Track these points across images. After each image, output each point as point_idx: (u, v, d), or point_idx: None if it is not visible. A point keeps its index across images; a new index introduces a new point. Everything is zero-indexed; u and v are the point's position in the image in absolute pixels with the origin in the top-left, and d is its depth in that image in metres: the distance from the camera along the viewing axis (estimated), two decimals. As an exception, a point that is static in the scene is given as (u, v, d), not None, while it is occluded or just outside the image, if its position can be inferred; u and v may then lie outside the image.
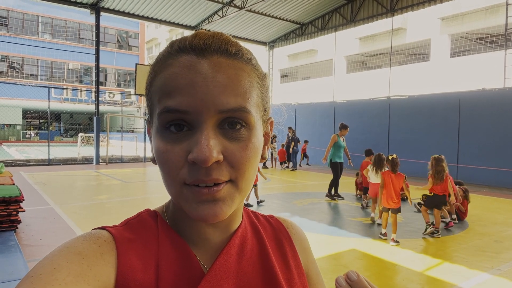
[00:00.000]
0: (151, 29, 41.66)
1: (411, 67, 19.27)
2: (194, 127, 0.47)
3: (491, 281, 3.82)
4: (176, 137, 0.47)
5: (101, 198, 7.90)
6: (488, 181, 10.63)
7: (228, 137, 0.47)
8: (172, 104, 0.46)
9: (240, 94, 0.47)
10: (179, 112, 0.46)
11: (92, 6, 14.27)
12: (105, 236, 0.50)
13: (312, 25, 17.52)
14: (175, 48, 0.50)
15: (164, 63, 0.50)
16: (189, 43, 0.49)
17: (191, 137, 0.47)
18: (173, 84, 0.47)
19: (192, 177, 0.46)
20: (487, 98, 10.92)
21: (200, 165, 0.45)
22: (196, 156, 0.44)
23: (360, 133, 14.50)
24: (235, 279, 0.54)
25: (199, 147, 0.45)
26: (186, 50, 0.49)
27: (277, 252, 0.62)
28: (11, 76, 27.58)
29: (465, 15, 17.71)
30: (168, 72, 0.48)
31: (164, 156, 0.47)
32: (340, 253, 4.60)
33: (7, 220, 4.79)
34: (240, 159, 0.47)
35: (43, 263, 0.44)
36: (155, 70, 0.51)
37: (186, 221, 0.55)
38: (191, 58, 0.48)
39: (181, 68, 0.47)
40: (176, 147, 0.47)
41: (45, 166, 13.94)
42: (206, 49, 0.48)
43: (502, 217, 6.77)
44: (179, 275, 0.51)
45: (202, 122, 0.46)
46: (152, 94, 0.50)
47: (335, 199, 8.21)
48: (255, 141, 0.49)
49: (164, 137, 0.48)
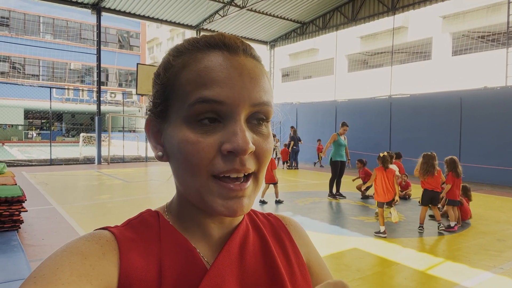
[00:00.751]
0: (152, 29, 41.68)
1: (412, 65, 19.23)
2: (227, 119, 0.49)
3: (494, 280, 3.81)
4: (208, 129, 0.48)
5: (103, 198, 7.92)
6: (491, 180, 10.60)
7: (253, 130, 0.51)
8: (209, 94, 0.48)
9: (267, 90, 0.52)
10: (216, 103, 0.48)
11: (93, 6, 14.29)
12: (107, 236, 0.51)
13: (313, 24, 17.50)
14: (204, 44, 0.52)
15: (192, 56, 0.51)
16: (221, 41, 0.51)
17: (223, 129, 0.48)
18: (210, 76, 0.48)
19: (226, 166, 0.48)
20: (489, 96, 10.89)
21: (239, 155, 0.47)
22: (236, 146, 0.47)
23: (361, 132, 14.48)
24: (238, 274, 0.54)
25: (239, 137, 0.47)
26: (218, 47, 0.51)
27: (278, 248, 0.63)
28: (13, 76, 27.65)
29: (467, 14, 17.66)
30: (201, 64, 0.50)
31: (195, 147, 0.48)
32: (342, 252, 4.60)
33: (9, 220, 4.80)
34: (265, 151, 0.51)
35: (46, 264, 0.45)
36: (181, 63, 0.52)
37: (191, 217, 0.55)
38: (224, 55, 0.50)
39: (216, 62, 0.49)
40: (209, 138, 0.48)
41: (47, 166, 13.97)
42: (237, 48, 0.51)
43: (505, 216, 6.75)
44: (182, 272, 0.51)
45: (237, 114, 0.48)
46: (178, 86, 0.51)
47: (337, 198, 8.21)
48: (271, 136, 0.54)
49: (194, 128, 0.49)
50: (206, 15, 16.05)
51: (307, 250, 0.67)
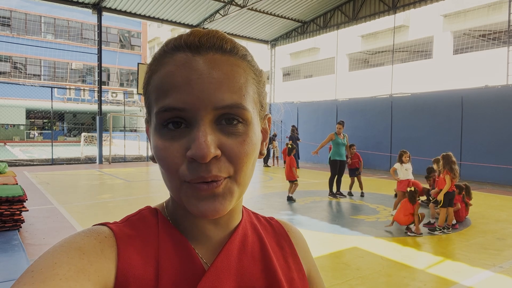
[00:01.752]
0: (153, 29, 41.66)
1: (413, 64, 19.18)
2: (191, 124, 0.47)
3: (494, 278, 3.82)
4: (174, 134, 0.47)
5: (104, 197, 7.94)
6: (491, 178, 10.58)
7: (225, 132, 0.48)
8: (169, 103, 0.47)
9: (236, 90, 0.48)
10: (176, 110, 0.46)
11: (94, 6, 14.31)
12: (106, 232, 0.50)
13: (314, 23, 17.48)
14: (171, 47, 0.50)
15: (160, 61, 0.50)
16: (184, 41, 0.49)
17: (189, 134, 0.47)
18: (169, 82, 0.47)
19: (192, 174, 0.46)
20: (490, 95, 10.87)
21: (199, 161, 0.45)
22: (195, 152, 0.45)
23: (362, 131, 14.47)
24: (236, 276, 0.54)
25: (197, 143, 0.45)
26: (181, 48, 0.49)
27: (278, 252, 0.62)
28: (14, 76, 27.71)
29: (468, 12, 17.61)
30: (164, 70, 0.49)
31: (163, 153, 0.48)
32: (342, 251, 4.61)
33: (10, 219, 4.83)
34: (238, 154, 0.48)
35: (43, 258, 0.44)
36: (151, 69, 0.51)
37: (186, 217, 0.55)
38: (186, 56, 0.48)
39: (176, 66, 0.48)
40: (174, 144, 0.47)
41: (48, 165, 14.01)
42: (201, 46, 0.49)
43: (505, 215, 6.74)
44: (179, 272, 0.51)
45: (199, 119, 0.46)
46: (150, 93, 0.51)
47: (338, 197, 8.23)
48: (252, 136, 0.50)
49: (162, 134, 0.48)
50: (207, 15, 16.05)
51: (308, 259, 0.67)
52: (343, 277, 3.79)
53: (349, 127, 15.06)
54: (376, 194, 8.65)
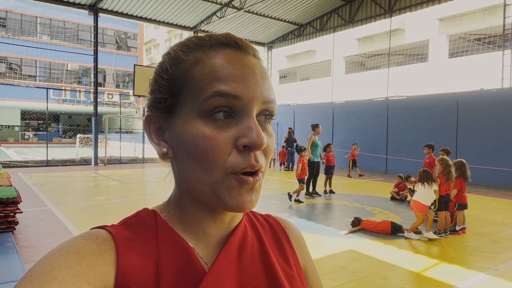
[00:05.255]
0: (150, 30, 41.64)
1: (409, 67, 19.29)
2: (241, 115, 0.49)
3: (489, 281, 3.83)
4: (223, 124, 0.49)
5: (100, 199, 7.89)
6: (487, 182, 10.64)
7: (261, 128, 0.51)
8: (226, 89, 0.48)
9: (273, 89, 0.54)
10: (231, 97, 0.48)
11: (91, 7, 14.27)
12: (104, 235, 0.50)
13: (311, 26, 17.54)
14: (215, 41, 0.52)
15: (206, 52, 0.52)
16: (233, 40, 0.53)
17: (237, 124, 0.49)
18: (225, 72, 0.49)
19: (244, 162, 0.48)
20: (485, 98, 10.94)
21: (255, 149, 0.48)
22: (253, 140, 0.47)
23: (358, 134, 14.52)
24: (236, 276, 0.54)
25: (254, 131, 0.48)
26: (231, 45, 0.52)
27: (277, 250, 0.63)
28: (10, 77, 27.55)
29: (463, 16, 17.74)
30: (216, 60, 0.50)
31: (212, 142, 0.48)
32: (337, 254, 4.60)
33: (4, 221, 4.78)
34: (271, 148, 0.52)
35: (42, 262, 0.44)
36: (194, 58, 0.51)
37: (190, 217, 0.55)
38: (236, 53, 0.52)
39: (230, 59, 0.51)
40: (224, 133, 0.48)
41: (43, 167, 13.92)
42: (248, 48, 0.54)
43: (500, 217, 6.78)
44: (180, 273, 0.51)
45: (250, 109, 0.49)
46: (191, 81, 0.50)
47: (314, 197, 8.49)
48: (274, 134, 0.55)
49: (209, 123, 0.49)
50: (204, 17, 16.06)
51: (304, 255, 0.67)
52: (339, 279, 3.78)
53: (345, 130, 15.13)
54: (372, 197, 8.67)
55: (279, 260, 0.61)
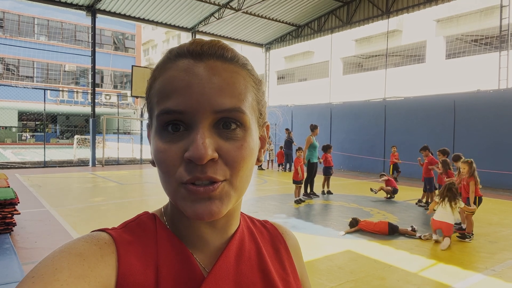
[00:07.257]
0: (148, 31, 41.62)
1: (406, 68, 19.35)
2: (190, 127, 0.48)
3: (486, 281, 3.85)
4: (173, 137, 0.49)
5: (97, 200, 7.88)
6: (483, 182, 10.54)
7: (223, 137, 0.49)
8: (169, 105, 0.48)
9: (235, 95, 0.49)
10: (176, 113, 0.48)
11: (88, 8, 14.25)
12: (106, 238, 0.51)
13: (309, 27, 17.57)
14: (174, 54, 0.52)
15: (163, 67, 0.52)
16: (186, 49, 0.51)
17: (187, 136, 0.48)
18: (170, 87, 0.49)
19: (189, 174, 0.47)
20: (482, 99, 10.99)
21: (196, 162, 0.46)
22: (192, 153, 0.46)
23: (356, 135, 14.55)
24: (234, 282, 0.55)
25: (195, 145, 0.46)
26: (184, 55, 0.51)
27: (274, 256, 0.63)
28: (7, 78, 27.46)
29: (460, 17, 17.81)
30: (166, 75, 0.50)
31: (162, 156, 0.48)
32: (335, 254, 4.61)
33: (2, 222, 4.77)
34: (235, 158, 0.49)
35: (44, 264, 0.44)
36: (154, 75, 0.53)
37: (184, 222, 0.55)
38: (189, 62, 0.50)
39: (178, 71, 0.49)
40: (173, 146, 0.48)
41: (40, 168, 13.88)
42: (203, 53, 0.50)
43: (497, 218, 6.81)
44: (178, 278, 0.51)
45: (198, 122, 0.48)
46: (152, 97, 0.52)
47: (311, 197, 8.52)
48: (250, 142, 0.51)
49: (162, 137, 0.49)
50: (202, 18, 16.06)
51: (299, 262, 0.68)
52: (336, 280, 3.79)
53: (343, 131, 15.15)
54: (370, 197, 8.69)
55: (276, 266, 0.62)
